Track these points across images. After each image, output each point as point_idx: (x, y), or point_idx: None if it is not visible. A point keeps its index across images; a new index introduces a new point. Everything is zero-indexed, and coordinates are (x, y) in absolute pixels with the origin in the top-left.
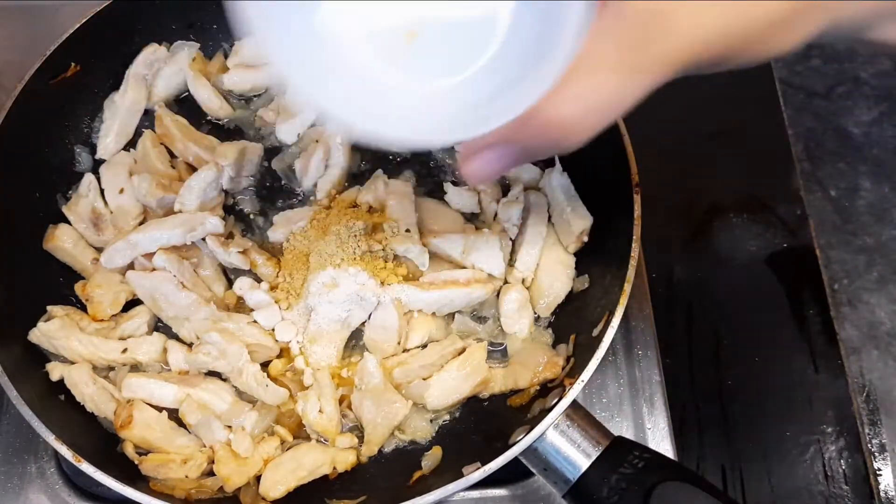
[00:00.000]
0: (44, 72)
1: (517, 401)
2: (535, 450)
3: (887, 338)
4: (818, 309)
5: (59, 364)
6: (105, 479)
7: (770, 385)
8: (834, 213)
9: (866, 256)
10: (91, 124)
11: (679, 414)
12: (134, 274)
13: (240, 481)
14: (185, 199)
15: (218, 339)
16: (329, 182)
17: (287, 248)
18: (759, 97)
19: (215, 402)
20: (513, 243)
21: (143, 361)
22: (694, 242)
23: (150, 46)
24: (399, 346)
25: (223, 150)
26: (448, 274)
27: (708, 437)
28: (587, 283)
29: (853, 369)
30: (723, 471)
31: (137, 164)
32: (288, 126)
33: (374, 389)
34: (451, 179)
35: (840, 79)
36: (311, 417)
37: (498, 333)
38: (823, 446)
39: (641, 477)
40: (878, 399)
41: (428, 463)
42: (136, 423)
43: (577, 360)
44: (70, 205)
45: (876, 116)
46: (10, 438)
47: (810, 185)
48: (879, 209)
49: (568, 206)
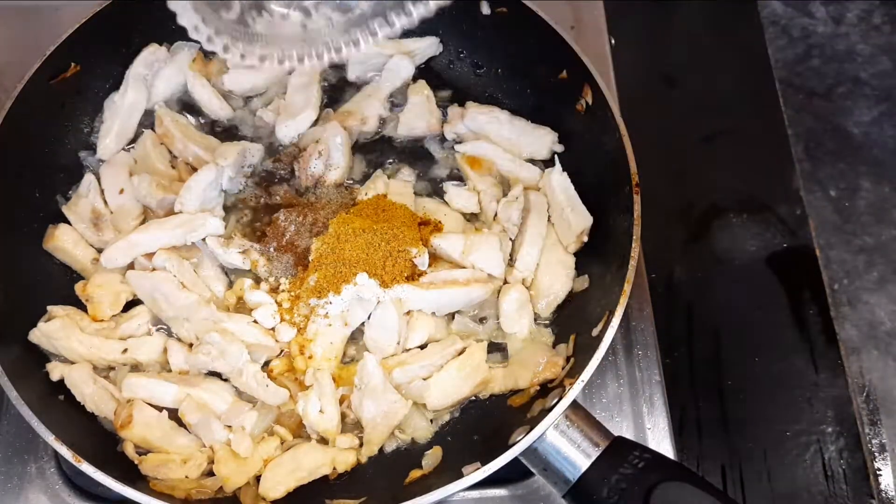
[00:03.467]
0: (44, 72)
1: (517, 401)
2: (535, 450)
3: (887, 338)
4: (818, 309)
5: (59, 364)
6: (105, 479)
7: (770, 385)
8: (834, 213)
9: (866, 256)
10: (91, 124)
11: (679, 414)
12: (134, 274)
13: (240, 481)
14: (185, 200)
15: (218, 340)
16: (329, 182)
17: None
18: (759, 97)
19: (215, 402)
20: (512, 243)
21: (143, 361)
22: (694, 242)
23: (150, 47)
24: (399, 346)
25: (223, 151)
26: (448, 274)
27: (708, 437)
28: (587, 283)
29: (853, 369)
30: (723, 471)
31: (137, 165)
32: (287, 126)
33: (374, 389)
34: (452, 179)
35: (840, 79)
36: (312, 417)
37: (498, 333)
38: (823, 446)
39: (641, 477)
40: (878, 399)
41: (428, 462)
42: (136, 423)
43: (577, 360)
44: (70, 205)
45: (876, 117)
46: (10, 438)
47: (810, 186)
48: (879, 209)
49: (568, 206)
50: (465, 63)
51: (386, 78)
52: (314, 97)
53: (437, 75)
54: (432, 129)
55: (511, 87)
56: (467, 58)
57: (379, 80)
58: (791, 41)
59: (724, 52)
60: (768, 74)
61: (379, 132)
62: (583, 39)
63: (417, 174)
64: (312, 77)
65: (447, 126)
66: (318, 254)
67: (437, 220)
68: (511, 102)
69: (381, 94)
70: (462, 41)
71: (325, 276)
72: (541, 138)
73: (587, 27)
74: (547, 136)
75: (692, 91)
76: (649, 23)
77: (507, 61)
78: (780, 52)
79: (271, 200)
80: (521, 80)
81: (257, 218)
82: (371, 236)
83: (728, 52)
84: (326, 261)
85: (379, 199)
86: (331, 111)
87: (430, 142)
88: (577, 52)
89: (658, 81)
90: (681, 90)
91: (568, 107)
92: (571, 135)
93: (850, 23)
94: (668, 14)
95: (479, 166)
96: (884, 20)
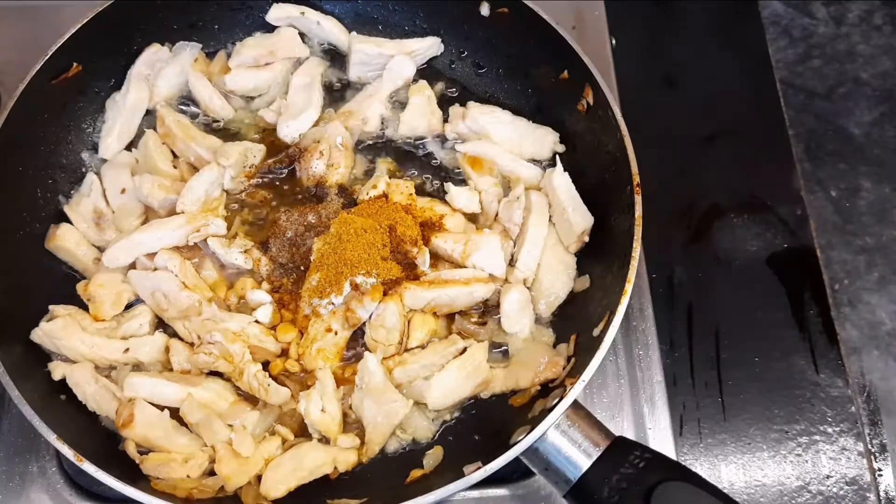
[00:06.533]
0: (46, 72)
1: (518, 401)
2: (537, 450)
3: (888, 338)
4: (818, 309)
5: (60, 363)
6: (106, 478)
7: (770, 385)
8: (834, 213)
9: (867, 257)
10: (93, 124)
11: (680, 414)
12: (136, 273)
13: (241, 481)
14: (186, 200)
15: (220, 339)
16: (331, 182)
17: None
18: (759, 97)
19: (217, 402)
20: (514, 243)
21: (145, 361)
22: (694, 243)
23: (152, 46)
24: (400, 346)
25: (225, 151)
26: (449, 273)
27: (708, 437)
28: (588, 284)
29: (853, 369)
30: (723, 471)
31: (139, 164)
32: (289, 126)
33: (375, 389)
34: (453, 179)
35: (841, 79)
36: (314, 416)
37: (499, 333)
38: (823, 446)
39: (642, 477)
40: (878, 399)
41: (429, 462)
42: (138, 422)
43: (578, 360)
44: (72, 204)
45: (876, 117)
46: (11, 438)
47: (811, 186)
48: (880, 209)
49: (569, 206)
50: (466, 63)
51: (387, 78)
52: (316, 97)
53: (438, 75)
54: (433, 129)
55: (512, 87)
56: (468, 58)
57: (380, 81)
58: (792, 41)
59: (725, 52)
60: (769, 75)
61: (380, 132)
62: (584, 40)
63: (418, 174)
64: (314, 77)
65: (448, 126)
66: (320, 254)
67: (439, 220)
68: (512, 102)
69: (383, 95)
70: (463, 41)
71: (326, 275)
72: (542, 138)
73: (588, 27)
74: (548, 136)
75: (693, 91)
76: (650, 23)
77: (509, 61)
78: (780, 53)
79: (273, 200)
80: (522, 80)
81: (259, 218)
82: (372, 236)
83: (729, 53)
84: (328, 261)
85: (380, 199)
86: (332, 111)
87: (432, 142)
88: (579, 52)
89: (659, 81)
90: (682, 90)
91: (569, 107)
92: (573, 135)
93: (851, 23)
94: (670, 14)
95: (480, 166)
96: (884, 21)
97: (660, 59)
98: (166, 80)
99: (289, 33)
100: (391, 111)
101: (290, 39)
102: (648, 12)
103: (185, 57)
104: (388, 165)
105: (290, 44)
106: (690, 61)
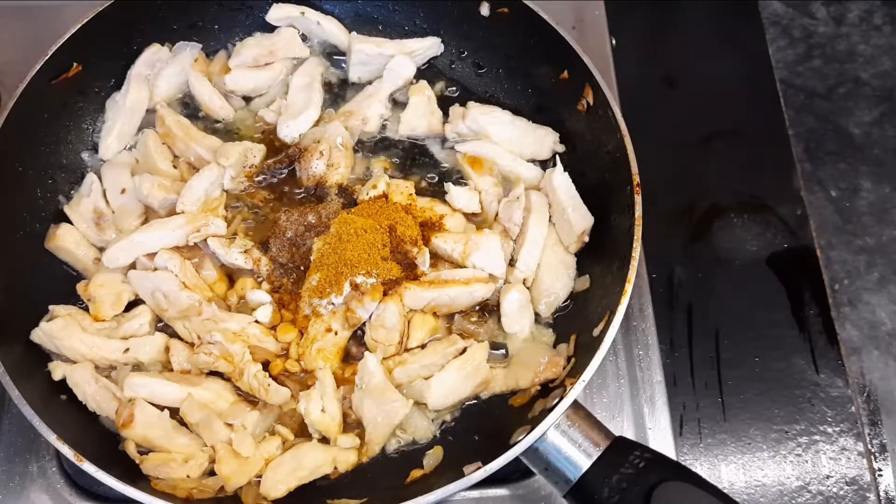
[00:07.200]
0: (46, 72)
1: (518, 401)
2: (537, 450)
3: (888, 338)
4: (818, 309)
5: (61, 363)
6: (106, 478)
7: (770, 385)
8: (834, 213)
9: (867, 257)
10: (93, 124)
11: (680, 414)
12: (136, 274)
13: (241, 481)
14: (186, 200)
15: (220, 339)
16: (331, 182)
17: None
18: (759, 97)
19: (217, 402)
20: (514, 243)
21: (145, 361)
22: (694, 243)
23: (152, 47)
24: (400, 346)
25: (225, 151)
26: (449, 273)
27: (708, 437)
28: (588, 284)
29: (853, 369)
30: (722, 471)
31: (139, 164)
32: (289, 126)
33: (375, 389)
34: (453, 179)
35: (841, 79)
36: (314, 416)
37: (499, 334)
38: (823, 446)
39: (642, 477)
40: (878, 399)
41: (429, 462)
42: (138, 422)
43: (578, 360)
44: (72, 204)
45: (876, 117)
46: (11, 438)
47: (811, 186)
48: (880, 209)
49: (569, 206)
50: (466, 63)
51: (387, 78)
52: (316, 97)
53: (438, 75)
54: (433, 129)
55: (512, 87)
56: (468, 58)
57: (380, 81)
58: (792, 41)
59: (725, 52)
60: (769, 75)
61: (380, 132)
62: (584, 40)
63: (418, 174)
64: (314, 77)
65: (448, 126)
66: (320, 254)
67: (439, 221)
68: (512, 102)
69: (383, 95)
70: (463, 41)
71: (326, 275)
72: (542, 138)
73: (588, 27)
74: (548, 136)
75: (693, 91)
76: (650, 23)
77: (509, 61)
78: (780, 53)
79: (273, 201)
80: (522, 80)
81: (259, 218)
82: (372, 236)
83: (729, 53)
84: (328, 261)
85: (380, 199)
86: (332, 111)
87: (432, 142)
88: (579, 52)
89: (659, 81)
90: (682, 90)
91: (569, 107)
92: (573, 135)
93: (851, 23)
94: (669, 14)
95: (480, 166)
96: (884, 21)
97: (660, 59)
98: (166, 80)
99: (289, 33)
100: (391, 111)
101: (290, 39)
102: (648, 12)
103: (185, 57)
104: (388, 165)
105: (290, 44)
106: (690, 61)
